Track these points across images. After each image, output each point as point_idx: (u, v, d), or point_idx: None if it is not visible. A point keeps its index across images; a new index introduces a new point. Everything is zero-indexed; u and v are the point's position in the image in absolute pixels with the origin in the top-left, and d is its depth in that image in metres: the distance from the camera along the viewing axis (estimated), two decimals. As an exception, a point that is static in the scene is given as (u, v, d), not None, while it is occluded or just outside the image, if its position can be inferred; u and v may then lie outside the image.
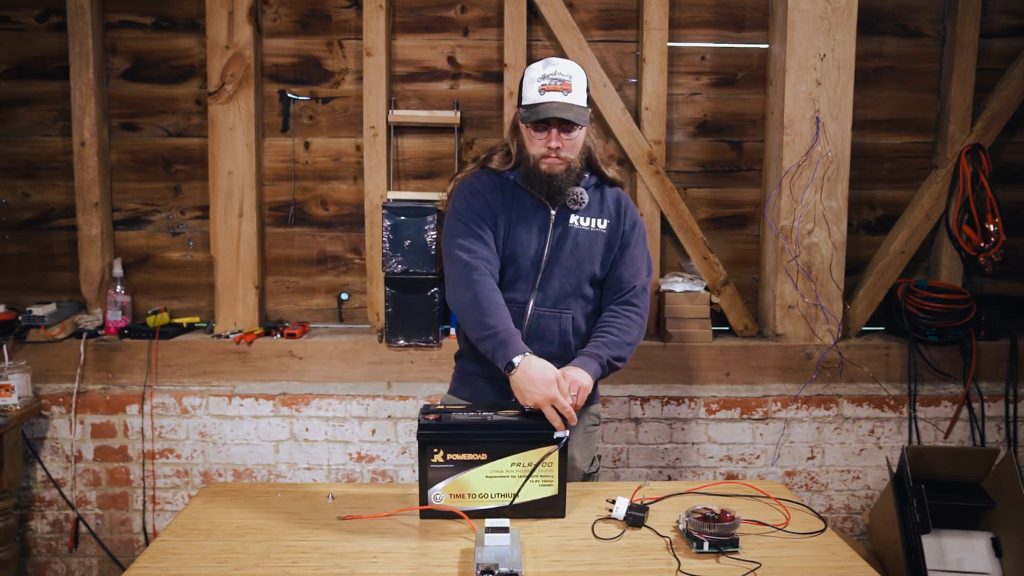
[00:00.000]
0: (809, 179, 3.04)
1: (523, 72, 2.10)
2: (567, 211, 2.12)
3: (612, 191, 2.19)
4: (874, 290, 3.22)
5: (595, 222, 2.13)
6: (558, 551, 1.67)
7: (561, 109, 2.00)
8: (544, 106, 2.00)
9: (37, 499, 3.11)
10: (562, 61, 2.07)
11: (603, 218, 2.14)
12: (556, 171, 2.06)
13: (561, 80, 2.02)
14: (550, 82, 2.02)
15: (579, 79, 2.05)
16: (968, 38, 3.14)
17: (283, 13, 3.16)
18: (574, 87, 2.03)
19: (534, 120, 2.01)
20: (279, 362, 3.07)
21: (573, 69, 2.06)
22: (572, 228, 2.11)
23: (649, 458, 3.12)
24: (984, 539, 2.76)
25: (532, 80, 2.05)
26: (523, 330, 2.09)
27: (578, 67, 2.08)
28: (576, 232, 2.11)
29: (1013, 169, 3.29)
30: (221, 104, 3.07)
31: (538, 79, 2.03)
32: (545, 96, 2.01)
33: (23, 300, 3.17)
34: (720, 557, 1.65)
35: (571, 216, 2.12)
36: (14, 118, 3.18)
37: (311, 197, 3.24)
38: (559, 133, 2.03)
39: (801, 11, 2.99)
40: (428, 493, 1.80)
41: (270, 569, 1.59)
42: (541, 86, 2.02)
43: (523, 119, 2.05)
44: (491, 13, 3.16)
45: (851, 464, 3.16)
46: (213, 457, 3.10)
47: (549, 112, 1.99)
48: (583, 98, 2.06)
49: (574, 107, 2.02)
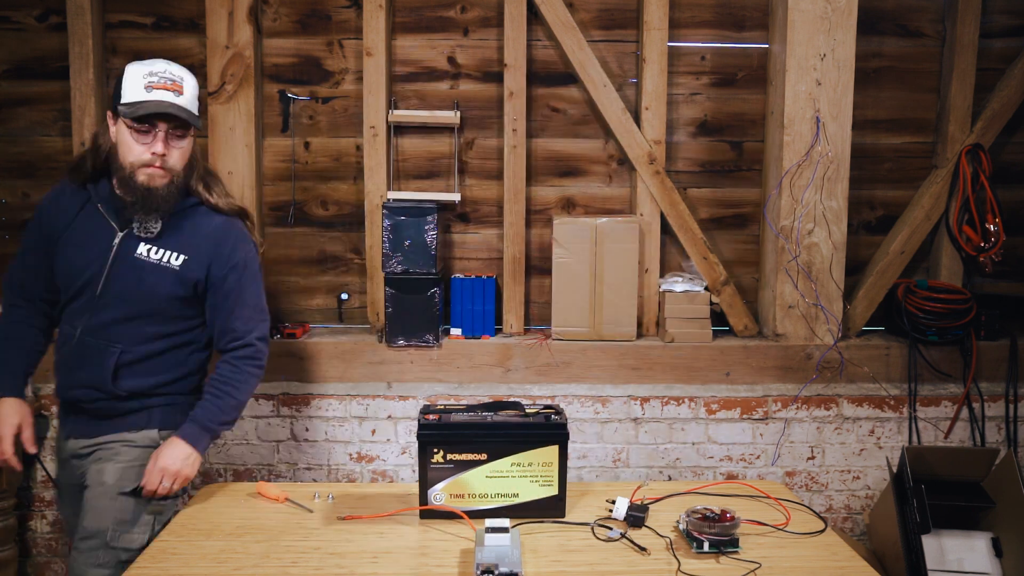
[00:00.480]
0: (809, 179, 3.04)
1: (121, 71, 1.90)
2: (135, 239, 1.93)
3: (212, 222, 1.98)
4: (874, 290, 3.22)
5: (168, 256, 1.93)
6: (558, 551, 1.67)
7: (173, 108, 1.83)
8: (154, 103, 1.82)
9: (37, 499, 3.11)
10: (171, 63, 1.91)
11: (181, 253, 1.94)
12: (157, 184, 1.87)
13: (172, 79, 1.85)
14: (159, 80, 1.84)
15: (191, 83, 1.92)
16: (968, 38, 3.14)
17: (283, 13, 3.16)
18: (186, 90, 1.88)
19: (140, 115, 1.81)
20: (279, 362, 3.07)
21: (185, 73, 1.92)
22: (138, 259, 1.92)
23: (649, 458, 3.12)
24: (984, 539, 2.76)
25: (135, 76, 1.85)
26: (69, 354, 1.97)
27: (189, 73, 1.94)
28: (142, 264, 1.92)
29: (1013, 169, 3.29)
30: (221, 104, 3.07)
31: (144, 75, 1.84)
32: (153, 94, 1.82)
33: (23, 300, 3.17)
34: (720, 557, 1.65)
35: (139, 245, 1.93)
36: (14, 118, 3.18)
37: (311, 197, 3.24)
38: (167, 137, 1.86)
39: (801, 11, 2.99)
40: (428, 493, 1.80)
41: (270, 569, 1.59)
42: (148, 83, 1.83)
43: (125, 115, 1.83)
44: (491, 13, 3.16)
45: (851, 464, 3.16)
46: (213, 457, 3.10)
47: (160, 108, 1.81)
48: (195, 105, 1.90)
49: (186, 111, 1.86)
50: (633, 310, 3.08)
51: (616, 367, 3.07)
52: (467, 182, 3.22)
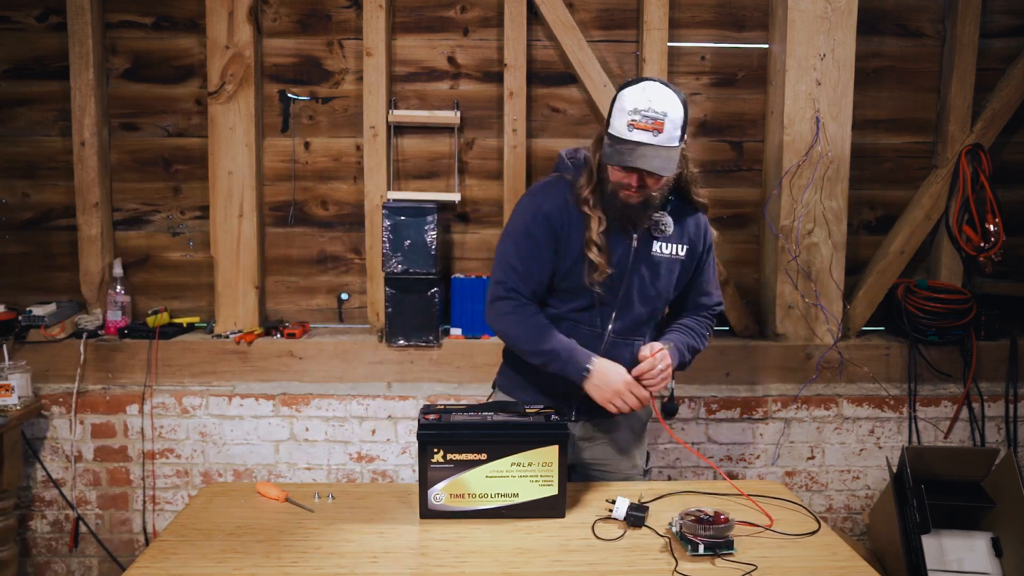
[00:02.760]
0: (809, 179, 3.04)
1: (619, 89, 1.91)
2: (650, 238, 2.01)
3: (694, 215, 2.08)
4: (874, 290, 3.22)
5: (676, 248, 2.04)
6: (558, 551, 1.67)
7: (647, 158, 1.83)
8: (629, 149, 1.83)
9: (37, 499, 3.11)
10: (660, 93, 1.85)
11: (683, 244, 2.05)
12: (632, 202, 1.93)
13: (653, 118, 1.82)
14: (641, 119, 1.82)
15: (674, 115, 1.84)
16: (968, 38, 3.14)
17: (283, 13, 3.15)
18: (667, 126, 1.83)
19: (616, 163, 1.86)
20: (279, 362, 3.07)
21: (669, 104, 1.84)
22: (654, 257, 2.02)
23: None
24: (984, 539, 2.76)
25: (623, 110, 1.85)
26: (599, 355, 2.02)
27: (676, 99, 1.86)
28: (658, 261, 2.02)
29: (1013, 169, 3.29)
30: (221, 104, 3.07)
31: (629, 111, 1.83)
32: (633, 134, 1.82)
33: (23, 300, 3.17)
34: (715, 560, 1.65)
35: (654, 243, 2.02)
36: (14, 118, 3.18)
37: (311, 197, 3.24)
38: (642, 176, 1.88)
39: (801, 11, 2.99)
40: (428, 493, 1.80)
41: (270, 569, 1.59)
42: (631, 121, 1.83)
43: (605, 157, 1.88)
44: (491, 13, 3.16)
45: (851, 464, 3.16)
46: (213, 457, 3.10)
47: (634, 160, 1.82)
48: (676, 136, 1.85)
49: (663, 152, 1.84)
50: (633, 310, 3.08)
51: (616, 367, 3.07)
52: (467, 182, 3.22)
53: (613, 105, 1.89)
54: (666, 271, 2.05)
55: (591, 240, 1.94)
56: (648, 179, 1.89)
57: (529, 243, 2.00)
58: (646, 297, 2.04)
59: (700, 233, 2.09)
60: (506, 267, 2.03)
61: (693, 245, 2.08)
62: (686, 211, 2.07)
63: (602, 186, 1.96)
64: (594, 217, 1.95)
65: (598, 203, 1.96)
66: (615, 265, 1.99)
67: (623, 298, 2.02)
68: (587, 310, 2.04)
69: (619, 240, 1.99)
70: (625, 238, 1.99)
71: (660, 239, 2.02)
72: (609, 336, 2.04)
